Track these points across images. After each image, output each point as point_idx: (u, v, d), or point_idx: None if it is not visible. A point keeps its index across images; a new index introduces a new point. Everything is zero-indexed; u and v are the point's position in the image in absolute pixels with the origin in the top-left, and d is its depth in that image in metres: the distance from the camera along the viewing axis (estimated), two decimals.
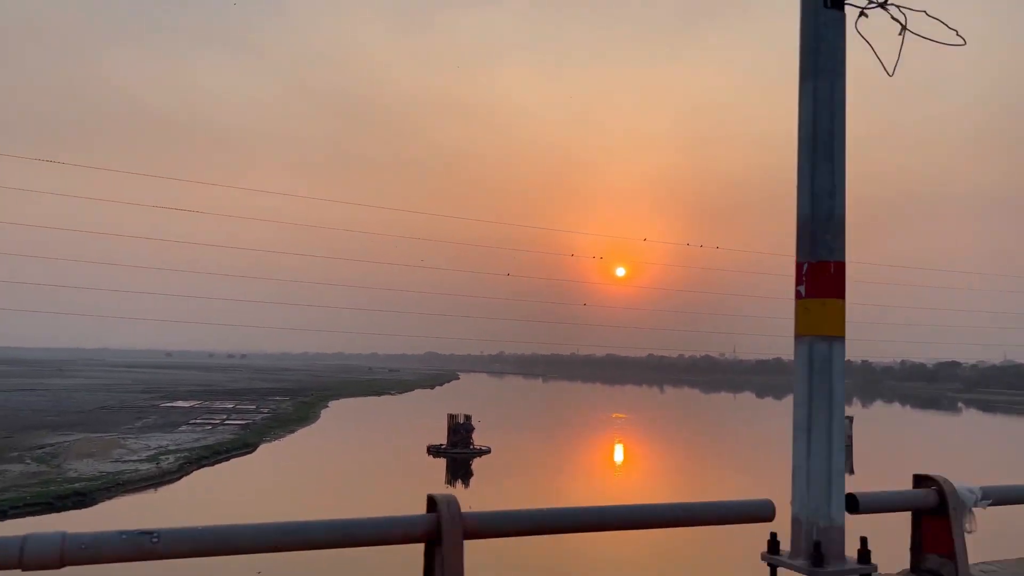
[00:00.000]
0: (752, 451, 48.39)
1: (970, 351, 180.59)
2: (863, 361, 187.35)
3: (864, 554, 3.17)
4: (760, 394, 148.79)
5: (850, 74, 3.96)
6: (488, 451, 42.08)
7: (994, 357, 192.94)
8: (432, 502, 2.21)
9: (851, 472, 38.60)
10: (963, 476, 3.32)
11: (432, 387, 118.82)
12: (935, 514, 2.58)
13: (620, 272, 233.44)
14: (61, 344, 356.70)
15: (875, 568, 3.01)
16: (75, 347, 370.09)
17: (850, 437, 49.84)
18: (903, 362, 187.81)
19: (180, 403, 63.78)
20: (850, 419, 51.14)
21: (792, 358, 3.82)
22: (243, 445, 40.60)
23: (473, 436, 42.44)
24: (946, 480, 2.58)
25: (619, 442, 52.11)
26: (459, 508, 2.28)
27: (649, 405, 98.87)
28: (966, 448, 53.57)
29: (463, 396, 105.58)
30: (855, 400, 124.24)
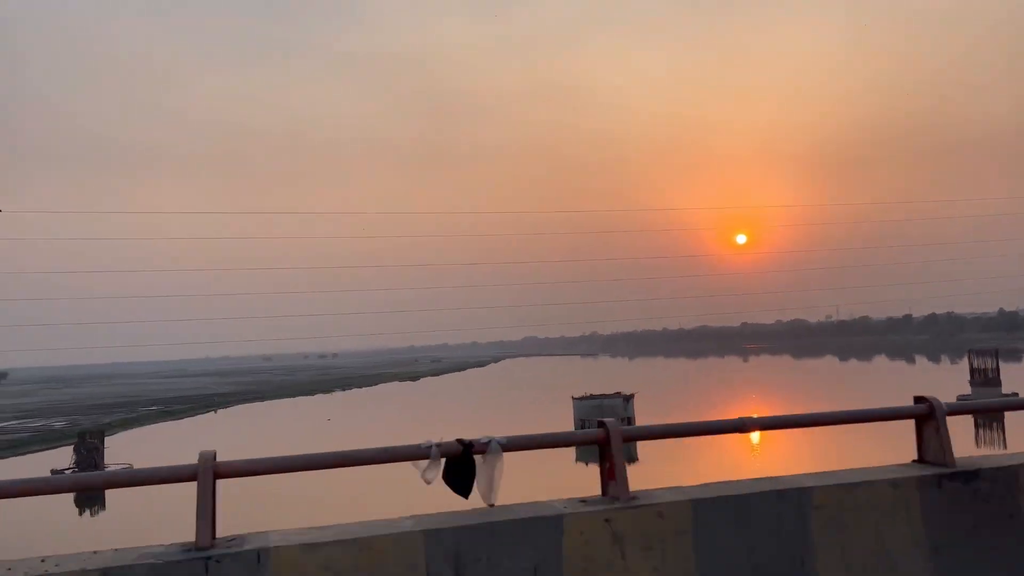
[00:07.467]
0: None
1: None
2: (948, 313, 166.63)
3: None
4: (843, 357, 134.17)
5: None
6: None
7: None
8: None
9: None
10: None
11: (416, 379, 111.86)
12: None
13: (741, 240, 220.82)
14: (174, 356, 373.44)
15: None
16: (185, 358, 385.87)
17: (630, 419, 41.63)
18: (1000, 311, 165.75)
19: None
20: (627, 398, 44.15)
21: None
22: None
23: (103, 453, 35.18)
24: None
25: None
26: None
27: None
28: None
29: (433, 388, 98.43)
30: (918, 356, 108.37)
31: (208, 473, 3.10)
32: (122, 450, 43.35)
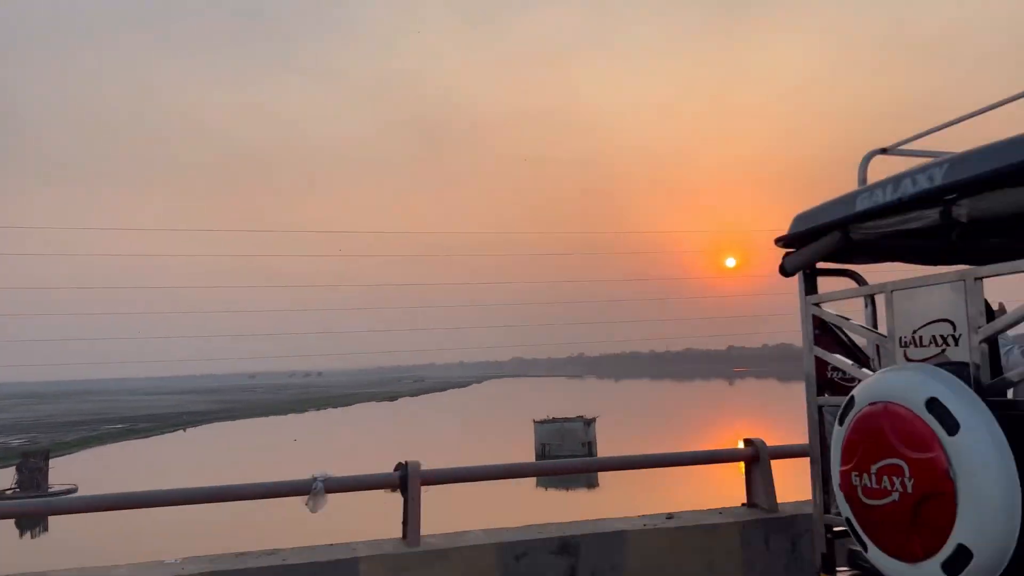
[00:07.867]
0: None
1: None
2: None
3: None
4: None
5: None
6: (73, 491, 33.98)
7: None
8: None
9: None
10: None
11: (393, 399, 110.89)
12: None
13: (730, 263, 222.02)
14: (160, 373, 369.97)
15: None
16: (172, 375, 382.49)
17: (590, 443, 41.37)
18: None
19: None
20: (588, 422, 43.62)
21: None
22: None
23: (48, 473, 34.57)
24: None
25: None
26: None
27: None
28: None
29: (409, 409, 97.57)
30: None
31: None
32: (74, 470, 42.64)
